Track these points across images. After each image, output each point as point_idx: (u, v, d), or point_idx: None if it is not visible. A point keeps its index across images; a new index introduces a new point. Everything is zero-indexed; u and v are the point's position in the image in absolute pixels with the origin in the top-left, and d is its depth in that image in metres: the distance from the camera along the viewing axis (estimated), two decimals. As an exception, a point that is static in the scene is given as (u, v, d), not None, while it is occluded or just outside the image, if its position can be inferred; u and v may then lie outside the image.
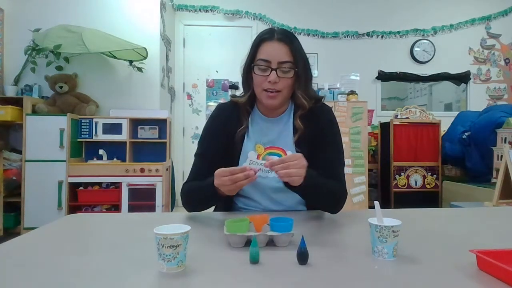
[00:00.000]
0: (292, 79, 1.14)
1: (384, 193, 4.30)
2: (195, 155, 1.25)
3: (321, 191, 1.09)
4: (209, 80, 4.48)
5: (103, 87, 3.74)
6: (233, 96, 1.27)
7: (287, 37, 1.15)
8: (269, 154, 1.19)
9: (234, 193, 1.06)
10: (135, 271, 0.69)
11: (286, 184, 1.05)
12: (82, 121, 3.45)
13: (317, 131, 1.19)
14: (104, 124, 3.47)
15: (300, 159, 1.00)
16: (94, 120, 3.46)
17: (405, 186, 4.11)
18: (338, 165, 1.21)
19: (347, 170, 2.69)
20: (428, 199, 4.11)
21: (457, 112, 4.44)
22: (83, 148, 3.58)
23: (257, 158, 1.19)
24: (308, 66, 1.19)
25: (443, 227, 1.08)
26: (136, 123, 3.61)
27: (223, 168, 1.01)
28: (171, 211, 3.76)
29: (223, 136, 1.21)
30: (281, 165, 0.97)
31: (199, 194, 1.13)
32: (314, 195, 1.09)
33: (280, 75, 1.12)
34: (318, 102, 1.23)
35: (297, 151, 1.18)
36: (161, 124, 3.65)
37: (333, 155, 1.20)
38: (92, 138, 3.46)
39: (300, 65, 1.14)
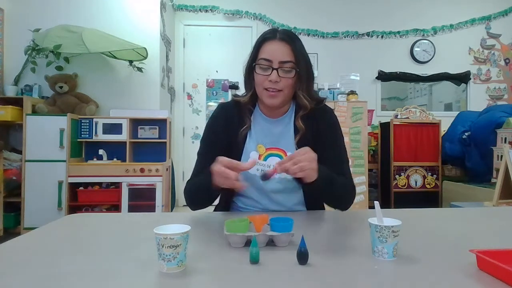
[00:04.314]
0: (294, 79, 1.14)
1: (384, 193, 4.30)
2: (198, 154, 1.25)
3: (335, 185, 1.08)
4: (209, 80, 4.49)
5: (103, 87, 3.74)
6: (235, 95, 1.27)
7: (289, 37, 1.14)
8: (270, 155, 1.20)
9: (223, 186, 1.02)
10: (135, 271, 0.69)
11: (301, 182, 1.03)
12: (82, 121, 3.45)
13: (318, 133, 1.20)
14: (104, 124, 3.47)
15: (309, 152, 0.99)
16: (94, 120, 3.46)
17: (405, 186, 4.11)
18: (342, 162, 1.21)
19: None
20: (428, 199, 4.11)
21: (457, 112, 4.44)
22: (83, 148, 3.58)
23: (259, 158, 1.19)
24: (310, 67, 1.19)
25: (443, 227, 1.08)
26: (136, 123, 3.61)
27: (226, 158, 0.99)
28: (171, 211, 3.76)
29: (225, 135, 1.21)
30: (291, 162, 0.96)
31: (198, 189, 1.13)
32: (329, 189, 1.08)
33: (281, 75, 1.11)
34: (320, 104, 1.23)
35: None
36: (161, 124, 3.65)
37: (336, 152, 1.20)
38: (92, 138, 3.45)
39: (301, 65, 1.14)
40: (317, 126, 1.20)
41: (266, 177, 1.00)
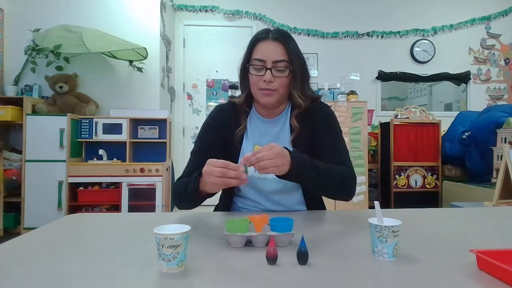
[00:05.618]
0: (288, 78, 1.14)
1: (384, 193, 4.30)
2: (191, 152, 1.24)
3: (322, 174, 1.06)
4: (209, 80, 4.49)
5: (103, 87, 3.74)
6: (232, 97, 1.28)
7: (282, 36, 1.14)
8: None
9: (217, 189, 1.02)
10: (135, 271, 0.69)
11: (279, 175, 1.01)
12: (82, 121, 3.45)
13: (314, 128, 1.19)
14: (104, 124, 3.47)
15: (274, 148, 0.96)
16: (94, 120, 3.46)
17: (405, 186, 4.11)
18: (340, 150, 1.19)
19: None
20: (428, 199, 4.11)
21: (457, 112, 4.44)
22: (83, 148, 3.58)
23: None
24: (305, 66, 1.19)
25: (443, 227, 1.08)
26: (136, 123, 3.61)
27: (217, 159, 0.96)
28: (171, 211, 3.76)
29: (221, 136, 1.21)
30: (254, 157, 0.94)
31: (184, 189, 1.08)
32: (315, 180, 1.05)
33: (275, 74, 1.11)
34: (315, 102, 1.23)
35: None
36: (161, 124, 3.65)
37: (333, 142, 1.20)
38: (92, 138, 3.45)
39: (295, 64, 1.13)
40: (313, 122, 1.20)
41: (271, 258, 0.71)
